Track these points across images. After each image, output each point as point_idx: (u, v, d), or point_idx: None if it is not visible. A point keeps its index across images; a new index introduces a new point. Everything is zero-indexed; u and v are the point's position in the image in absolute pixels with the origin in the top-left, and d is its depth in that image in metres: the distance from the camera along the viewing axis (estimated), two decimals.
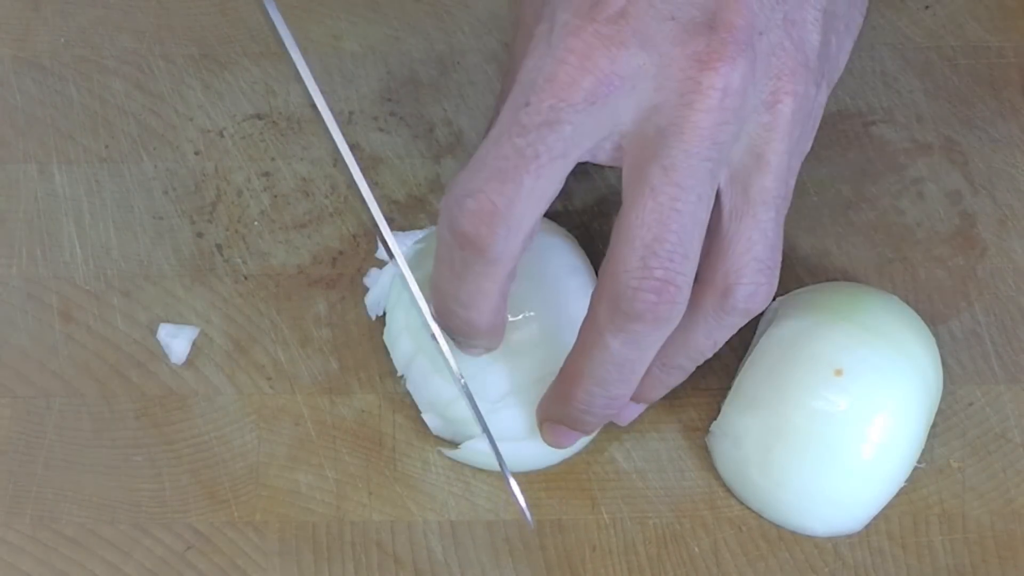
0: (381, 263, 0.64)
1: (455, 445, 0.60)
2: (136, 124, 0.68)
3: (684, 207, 0.51)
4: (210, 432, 0.62)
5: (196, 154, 0.67)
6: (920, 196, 0.67)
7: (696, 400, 0.62)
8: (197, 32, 0.70)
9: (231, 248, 0.65)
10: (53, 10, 0.70)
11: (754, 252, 0.54)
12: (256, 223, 0.66)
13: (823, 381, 0.58)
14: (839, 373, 0.58)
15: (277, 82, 0.69)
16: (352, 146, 0.67)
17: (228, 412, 0.62)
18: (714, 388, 0.62)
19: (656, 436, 0.62)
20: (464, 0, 0.71)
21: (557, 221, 0.63)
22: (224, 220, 0.66)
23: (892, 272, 0.65)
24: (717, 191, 0.53)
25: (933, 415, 0.61)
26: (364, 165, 0.67)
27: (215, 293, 0.64)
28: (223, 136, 0.67)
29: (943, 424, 0.62)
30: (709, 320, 0.55)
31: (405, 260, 0.57)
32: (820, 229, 0.66)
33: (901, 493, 0.60)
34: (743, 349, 0.63)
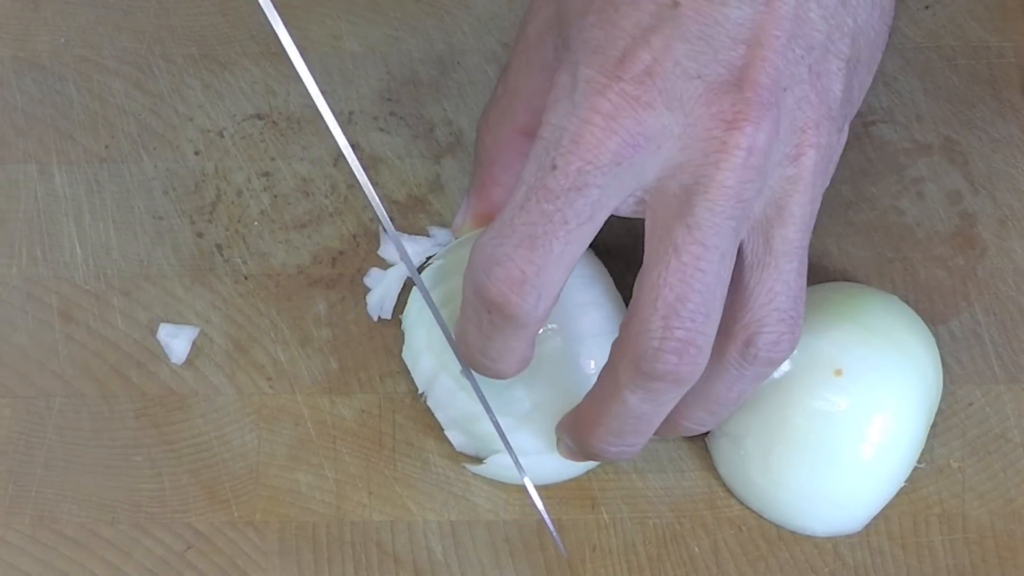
0: (382, 263, 0.64)
1: (479, 461, 0.60)
2: (136, 124, 0.68)
3: (708, 267, 0.51)
4: (210, 432, 0.62)
5: (196, 154, 0.67)
6: (920, 196, 0.67)
7: None
8: (197, 32, 0.70)
9: (231, 248, 0.65)
10: (53, 10, 0.70)
11: (776, 303, 0.53)
12: (256, 223, 0.66)
13: (823, 381, 0.58)
14: (839, 373, 0.58)
15: (277, 82, 0.69)
16: (352, 146, 0.67)
17: (228, 412, 0.62)
18: None
19: (656, 436, 0.62)
20: (464, 0, 0.71)
21: None
22: (224, 220, 0.66)
23: (892, 272, 0.65)
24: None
25: (933, 415, 0.61)
26: (364, 164, 0.67)
27: (215, 293, 0.64)
28: (223, 136, 0.67)
29: (943, 424, 0.62)
30: (731, 371, 0.54)
31: (424, 279, 0.56)
32: (820, 229, 0.66)
33: (901, 493, 0.60)
34: None
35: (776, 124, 0.51)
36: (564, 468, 0.60)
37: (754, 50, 0.51)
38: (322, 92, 0.68)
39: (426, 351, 0.60)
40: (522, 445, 0.59)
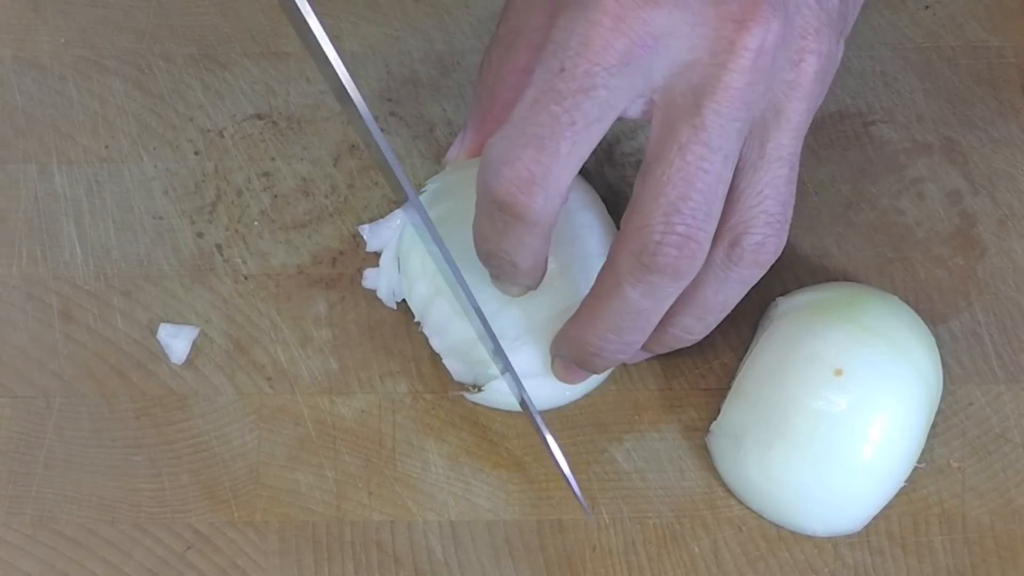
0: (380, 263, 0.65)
1: (478, 389, 0.61)
2: (136, 124, 0.68)
3: (711, 167, 0.52)
4: (210, 432, 0.62)
5: (196, 154, 0.67)
6: (920, 196, 0.67)
7: (696, 400, 0.62)
8: (197, 32, 0.70)
9: (231, 248, 0.65)
10: (53, 10, 0.70)
11: (764, 206, 0.54)
12: (256, 223, 0.66)
13: (823, 381, 0.58)
14: (839, 373, 0.58)
15: (277, 82, 0.69)
16: (352, 146, 0.67)
17: (228, 412, 0.62)
18: (714, 388, 0.62)
19: (656, 436, 0.62)
20: (464, 0, 0.71)
21: None
22: (224, 220, 0.66)
23: (892, 272, 0.65)
24: None
25: (933, 415, 0.61)
26: (364, 165, 0.67)
27: (215, 293, 0.64)
28: (223, 136, 0.67)
29: (943, 424, 0.62)
30: (718, 273, 0.55)
31: (422, 200, 0.56)
32: (820, 229, 0.66)
33: (901, 493, 0.60)
34: (743, 349, 0.63)
35: (783, 26, 0.52)
36: (561, 392, 0.61)
37: None
38: (321, 92, 0.69)
39: (421, 278, 0.61)
40: (518, 367, 0.59)
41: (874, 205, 0.66)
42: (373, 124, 0.54)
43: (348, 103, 0.53)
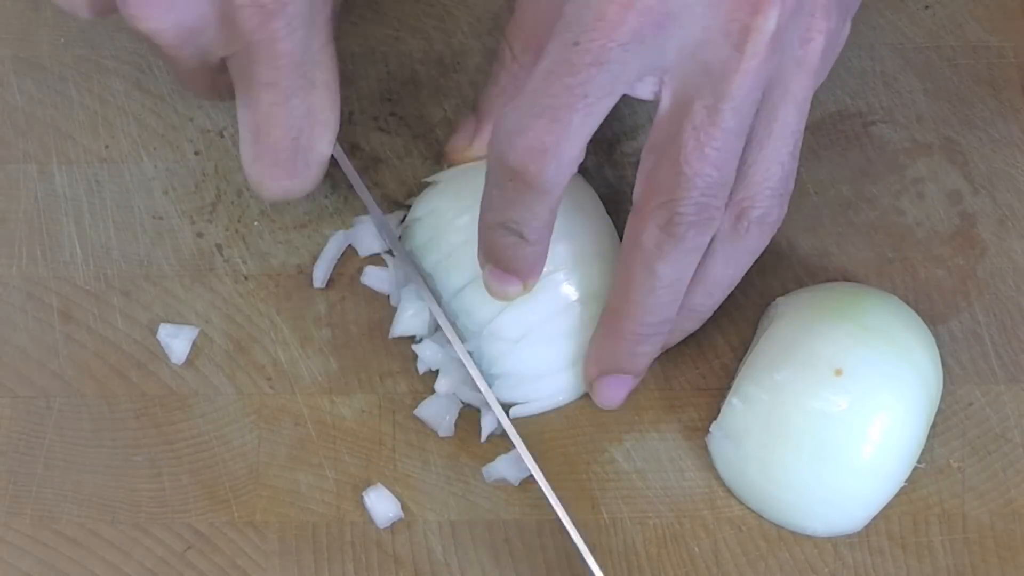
0: (381, 262, 0.64)
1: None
2: (136, 124, 0.68)
3: (724, 145, 0.53)
4: (210, 432, 0.62)
5: (196, 154, 0.67)
6: (920, 196, 0.67)
7: (696, 400, 0.62)
8: None
9: (231, 248, 0.65)
10: (53, 10, 0.70)
11: (769, 182, 0.56)
12: (256, 223, 0.66)
13: (823, 381, 0.58)
14: (839, 373, 0.58)
15: None
16: (352, 146, 0.67)
17: (228, 412, 0.62)
18: (714, 388, 0.62)
19: (656, 436, 0.62)
20: (464, 0, 0.71)
21: None
22: (224, 220, 0.66)
23: (892, 272, 0.65)
24: None
25: (933, 415, 0.61)
26: (364, 165, 0.67)
27: (215, 293, 0.64)
28: (223, 136, 0.67)
29: (943, 424, 0.62)
30: (726, 247, 0.57)
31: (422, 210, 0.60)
32: (820, 229, 0.66)
33: (901, 493, 0.60)
34: (743, 349, 0.63)
35: (797, 5, 0.52)
36: (562, 389, 0.61)
37: None
38: None
39: (427, 344, 0.61)
40: (519, 369, 0.60)
41: (874, 205, 0.66)
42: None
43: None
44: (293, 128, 0.58)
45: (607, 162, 0.66)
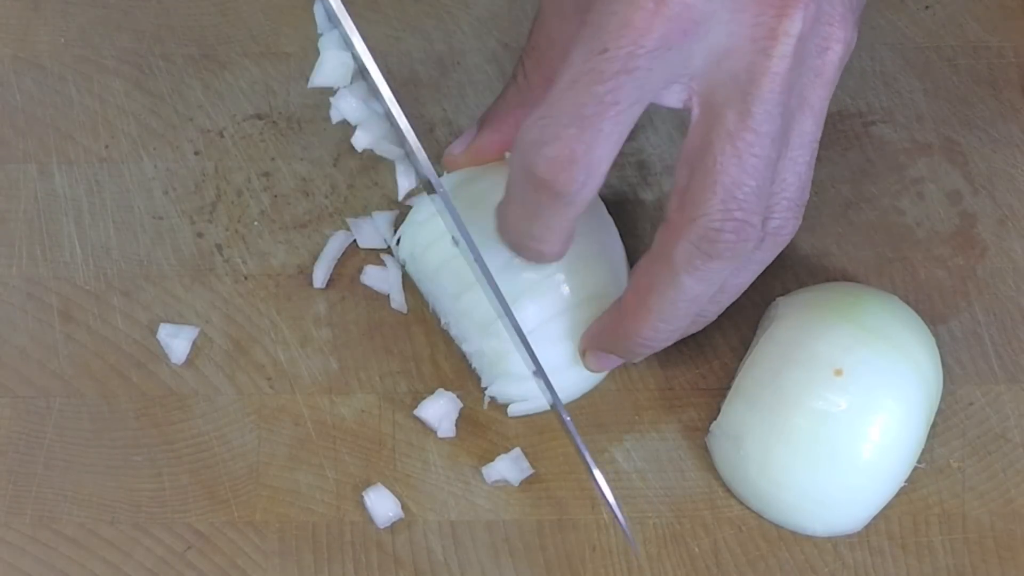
0: (380, 262, 0.64)
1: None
2: (136, 124, 0.68)
3: (760, 151, 0.53)
4: (210, 432, 0.62)
5: (196, 154, 0.67)
6: (920, 196, 0.67)
7: (696, 400, 0.62)
8: (197, 32, 0.70)
9: (231, 248, 0.65)
10: (53, 10, 0.70)
11: (786, 192, 0.55)
12: (256, 223, 0.66)
13: (823, 381, 0.58)
14: (839, 373, 0.58)
15: (277, 82, 0.68)
16: (352, 146, 0.67)
17: (228, 412, 0.62)
18: (714, 388, 0.62)
19: (656, 436, 0.62)
20: (464, 0, 0.71)
21: None
22: (224, 220, 0.66)
23: (892, 272, 0.65)
24: None
25: (933, 415, 0.61)
26: (364, 165, 0.67)
27: (215, 293, 0.64)
28: (223, 136, 0.67)
29: (943, 424, 0.62)
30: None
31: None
32: (820, 229, 0.66)
33: (901, 493, 0.60)
34: (743, 349, 0.63)
35: (818, 12, 0.52)
36: (576, 384, 0.61)
37: None
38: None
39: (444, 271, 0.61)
40: (518, 370, 0.59)
41: (874, 205, 0.66)
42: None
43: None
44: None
45: None
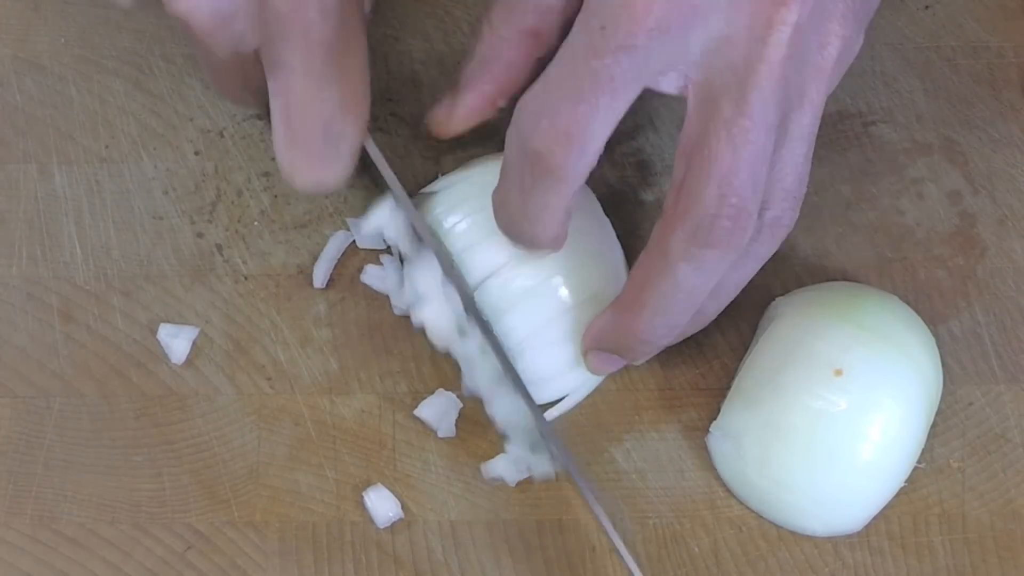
0: (380, 262, 0.64)
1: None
2: (136, 124, 0.68)
3: (756, 139, 0.53)
4: (210, 432, 0.62)
5: (196, 154, 0.67)
6: (920, 196, 0.67)
7: (696, 400, 0.62)
8: None
9: (231, 248, 0.65)
10: (53, 10, 0.70)
11: (784, 183, 0.55)
12: (256, 223, 0.66)
13: (823, 381, 0.58)
14: (839, 373, 0.58)
15: None
16: None
17: (228, 412, 0.62)
18: (714, 388, 0.62)
19: (656, 436, 0.62)
20: (464, 0, 0.71)
21: None
22: (224, 220, 0.66)
23: (892, 272, 0.65)
24: None
25: (933, 415, 0.61)
26: (364, 165, 0.67)
27: (215, 293, 0.64)
28: (223, 136, 0.67)
29: (943, 424, 0.62)
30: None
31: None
32: (820, 229, 0.66)
33: (901, 493, 0.60)
34: (743, 349, 0.63)
35: (816, 5, 0.52)
36: (574, 389, 0.61)
37: None
38: None
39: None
40: (523, 373, 0.60)
41: (874, 205, 0.66)
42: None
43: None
44: (325, 117, 0.58)
45: (607, 162, 0.66)
